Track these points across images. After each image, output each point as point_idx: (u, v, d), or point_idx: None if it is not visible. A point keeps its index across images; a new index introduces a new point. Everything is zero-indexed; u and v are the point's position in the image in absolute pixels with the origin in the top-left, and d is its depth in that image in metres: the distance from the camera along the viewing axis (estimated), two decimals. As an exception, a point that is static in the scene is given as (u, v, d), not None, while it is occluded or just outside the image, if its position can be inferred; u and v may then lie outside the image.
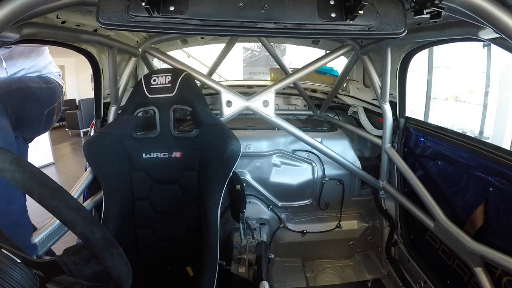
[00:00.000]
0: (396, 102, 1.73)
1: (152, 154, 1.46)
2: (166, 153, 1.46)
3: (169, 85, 1.43)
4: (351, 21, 0.70)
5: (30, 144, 1.60)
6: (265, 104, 1.72)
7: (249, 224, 2.05)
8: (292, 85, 2.07)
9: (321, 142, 1.92)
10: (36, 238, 1.21)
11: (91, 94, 1.70)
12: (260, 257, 1.77)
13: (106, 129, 1.42)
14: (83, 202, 1.50)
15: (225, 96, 1.70)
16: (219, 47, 2.20)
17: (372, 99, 1.99)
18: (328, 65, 2.12)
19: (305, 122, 2.55)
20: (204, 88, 2.20)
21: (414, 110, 5.05)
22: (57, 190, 0.50)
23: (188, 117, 1.45)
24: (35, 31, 0.93)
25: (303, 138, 1.85)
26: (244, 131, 2.08)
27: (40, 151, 5.10)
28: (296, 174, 2.06)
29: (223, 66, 2.34)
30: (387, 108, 1.73)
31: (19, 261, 0.54)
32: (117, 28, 0.71)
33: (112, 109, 1.66)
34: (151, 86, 1.44)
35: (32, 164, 0.50)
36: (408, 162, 1.69)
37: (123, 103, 1.67)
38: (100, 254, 0.53)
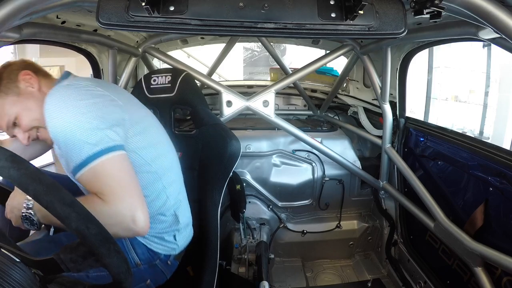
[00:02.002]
0: (396, 102, 1.73)
1: (152, 154, 1.45)
2: None
3: (169, 85, 1.42)
4: (351, 21, 0.70)
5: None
6: (265, 104, 1.72)
7: (249, 224, 2.05)
8: (292, 85, 2.07)
9: (321, 142, 1.92)
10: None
11: (91, 94, 1.68)
12: (260, 257, 1.77)
13: None
14: (83, 202, 1.50)
15: (225, 96, 1.70)
16: (219, 47, 2.20)
17: (372, 99, 1.99)
18: (328, 65, 2.12)
19: (305, 122, 2.55)
20: (204, 88, 2.20)
21: (413, 110, 5.04)
22: (52, 186, 0.49)
23: (188, 117, 1.45)
24: (35, 31, 0.93)
25: (303, 138, 1.85)
26: (244, 131, 2.08)
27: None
28: (296, 174, 2.06)
29: (223, 66, 2.34)
30: (387, 108, 1.72)
31: (18, 260, 0.54)
32: (117, 28, 0.71)
33: (112, 109, 1.65)
34: (151, 86, 1.44)
35: (28, 161, 0.50)
36: (408, 162, 1.69)
37: (123, 103, 1.67)
38: (97, 250, 0.52)
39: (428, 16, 0.67)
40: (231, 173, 1.29)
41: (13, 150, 0.99)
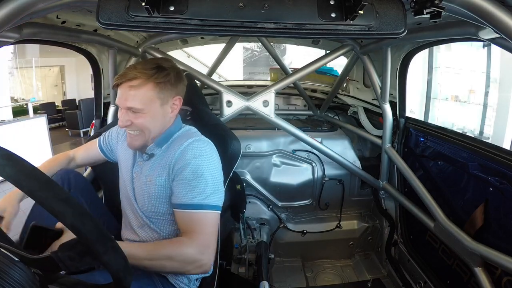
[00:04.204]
0: (396, 102, 1.73)
1: (152, 154, 1.45)
2: None
3: (169, 85, 1.42)
4: (351, 21, 0.70)
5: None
6: (265, 104, 1.72)
7: (249, 224, 2.05)
8: (292, 85, 2.07)
9: (321, 142, 1.92)
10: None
11: (91, 94, 1.69)
12: (260, 257, 1.77)
13: (106, 129, 1.41)
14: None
15: (225, 96, 1.70)
16: (219, 47, 2.20)
17: (372, 99, 1.99)
18: (328, 65, 2.12)
19: (305, 122, 2.55)
20: (204, 88, 2.20)
21: (413, 110, 5.05)
22: (47, 182, 0.49)
23: (188, 117, 1.45)
24: (35, 31, 0.93)
25: (303, 138, 1.85)
26: (244, 131, 2.08)
27: (40, 151, 5.10)
28: (296, 174, 2.06)
29: (223, 66, 2.34)
30: (387, 108, 1.72)
31: (17, 259, 0.54)
32: (117, 28, 0.71)
33: (112, 109, 1.66)
34: (151, 86, 1.44)
35: (24, 159, 0.50)
36: (408, 162, 1.69)
37: (123, 103, 1.67)
38: (93, 246, 0.52)
39: (428, 16, 0.67)
40: (231, 173, 1.29)
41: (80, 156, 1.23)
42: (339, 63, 2.42)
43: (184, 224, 0.93)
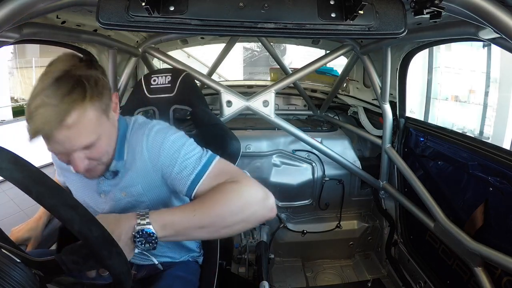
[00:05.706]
0: (396, 102, 1.73)
1: (152, 154, 1.45)
2: None
3: (169, 85, 1.42)
4: (351, 21, 0.70)
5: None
6: (265, 104, 1.72)
7: None
8: (292, 85, 2.07)
9: (321, 142, 1.92)
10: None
11: (91, 94, 1.67)
12: (260, 257, 1.77)
13: None
14: (83, 202, 1.50)
15: (225, 96, 1.70)
16: (219, 47, 2.20)
17: (372, 99, 1.99)
18: (328, 65, 2.12)
19: (305, 122, 2.55)
20: (204, 88, 2.20)
21: (413, 110, 5.05)
22: (55, 189, 0.49)
23: (188, 117, 1.45)
24: (35, 31, 0.93)
25: (303, 138, 1.85)
26: (244, 131, 2.09)
27: (40, 151, 5.09)
28: (296, 174, 2.06)
29: (223, 66, 2.35)
30: (387, 108, 1.73)
31: (18, 260, 0.54)
32: (117, 28, 0.71)
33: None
34: (151, 86, 1.44)
35: (30, 163, 0.50)
36: (408, 162, 1.69)
37: (123, 103, 1.67)
38: (99, 252, 0.52)
39: (428, 16, 0.67)
40: None
41: None
42: (339, 63, 2.42)
43: (210, 186, 0.80)
